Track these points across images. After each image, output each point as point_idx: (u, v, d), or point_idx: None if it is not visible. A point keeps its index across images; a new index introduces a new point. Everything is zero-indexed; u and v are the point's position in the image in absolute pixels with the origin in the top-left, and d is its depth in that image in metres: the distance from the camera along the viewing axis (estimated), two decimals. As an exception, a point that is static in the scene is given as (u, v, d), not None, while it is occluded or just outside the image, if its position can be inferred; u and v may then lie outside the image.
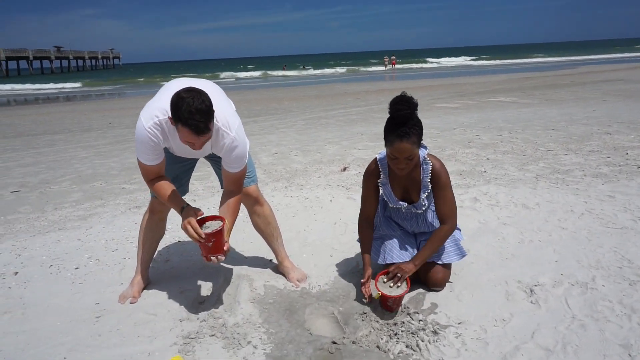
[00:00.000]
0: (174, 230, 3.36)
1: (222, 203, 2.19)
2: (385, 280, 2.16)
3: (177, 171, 2.37)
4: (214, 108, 1.89)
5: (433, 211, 2.34)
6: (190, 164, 2.45)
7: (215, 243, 1.98)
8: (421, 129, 2.08)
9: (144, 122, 1.96)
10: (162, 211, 2.39)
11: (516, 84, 15.91)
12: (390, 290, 2.10)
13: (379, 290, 2.08)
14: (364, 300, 2.22)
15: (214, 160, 2.38)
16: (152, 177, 2.12)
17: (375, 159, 2.33)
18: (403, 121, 2.02)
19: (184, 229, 1.96)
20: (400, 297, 2.09)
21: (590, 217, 3.18)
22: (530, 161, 4.85)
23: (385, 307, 2.13)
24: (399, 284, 2.12)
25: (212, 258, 2.01)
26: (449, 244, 2.37)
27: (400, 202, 2.30)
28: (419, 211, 2.32)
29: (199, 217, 2.01)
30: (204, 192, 4.36)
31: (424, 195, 2.25)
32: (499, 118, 8.12)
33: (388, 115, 2.08)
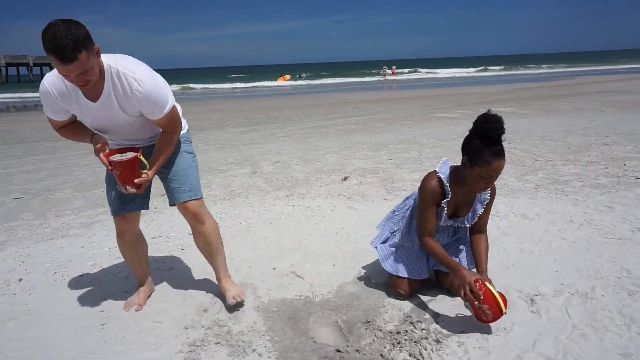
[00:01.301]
0: (178, 238, 3.38)
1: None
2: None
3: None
4: (121, 60, 1.91)
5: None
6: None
7: (123, 172, 1.98)
8: None
9: (46, 77, 1.96)
10: (129, 229, 2.30)
11: (514, 95, 16.02)
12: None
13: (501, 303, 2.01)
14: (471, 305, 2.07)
15: (160, 171, 2.24)
16: (59, 126, 2.12)
17: (439, 177, 2.20)
18: (499, 140, 2.00)
19: (96, 153, 2.02)
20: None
21: (590, 227, 3.22)
22: (529, 171, 4.90)
23: (486, 320, 2.05)
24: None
25: (121, 188, 2.04)
26: (468, 255, 2.43)
27: (449, 221, 2.30)
28: (463, 226, 2.34)
29: (118, 148, 2.10)
30: (206, 200, 4.38)
31: (479, 212, 2.28)
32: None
33: (470, 135, 2.06)
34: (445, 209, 2.24)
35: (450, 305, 2.29)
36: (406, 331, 2.05)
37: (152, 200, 2.30)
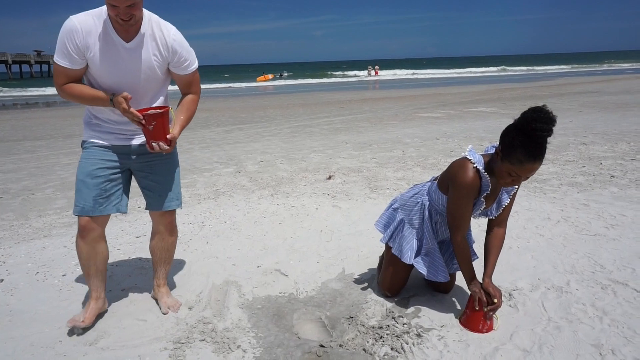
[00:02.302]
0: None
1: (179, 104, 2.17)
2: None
3: (104, 179, 2.09)
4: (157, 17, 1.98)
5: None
6: (123, 169, 2.16)
7: (156, 127, 1.94)
8: None
9: (75, 15, 1.90)
10: (95, 228, 2.10)
11: (496, 95, 16.28)
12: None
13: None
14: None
15: (143, 170, 2.21)
16: (65, 80, 1.96)
17: (476, 169, 1.99)
18: (542, 142, 1.80)
19: (122, 113, 1.94)
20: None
21: (566, 224, 3.31)
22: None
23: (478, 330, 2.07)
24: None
25: (153, 144, 1.99)
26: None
27: (474, 213, 2.14)
28: (491, 217, 2.20)
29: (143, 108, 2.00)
30: (190, 199, 4.38)
31: (505, 202, 2.15)
32: (480, 128, 8.32)
33: (515, 125, 1.85)
34: (484, 203, 2.08)
35: (432, 300, 2.35)
36: (388, 326, 2.10)
37: (136, 200, 2.29)
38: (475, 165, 1.98)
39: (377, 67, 41.42)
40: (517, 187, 2.15)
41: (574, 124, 8.16)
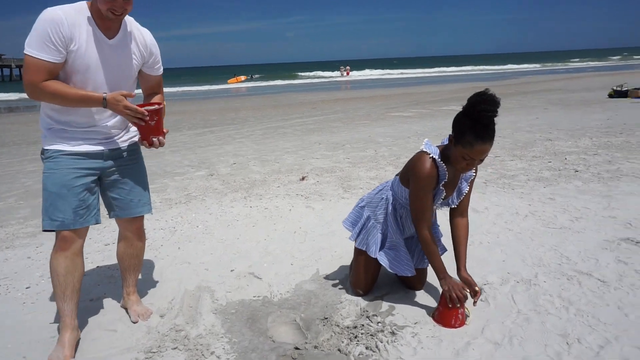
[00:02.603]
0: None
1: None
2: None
3: (82, 188, 1.97)
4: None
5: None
6: (96, 176, 2.05)
7: (158, 122, 1.95)
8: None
9: (57, 7, 1.80)
10: (75, 242, 1.99)
11: (468, 93, 16.38)
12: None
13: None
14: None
15: (113, 176, 2.12)
16: (45, 77, 1.79)
17: (433, 159, 2.05)
18: (488, 123, 1.89)
19: (121, 111, 1.88)
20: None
21: (534, 218, 3.40)
22: (479, 167, 5.10)
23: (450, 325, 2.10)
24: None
25: (154, 140, 1.98)
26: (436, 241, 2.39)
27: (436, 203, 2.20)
28: (452, 205, 2.27)
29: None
30: (161, 204, 4.30)
31: (465, 190, 2.23)
32: (451, 126, 8.46)
33: (462, 111, 1.95)
34: (444, 192, 2.14)
35: (405, 298, 2.37)
36: (362, 325, 2.11)
37: (104, 207, 2.23)
38: (431, 156, 2.06)
39: (348, 67, 41.65)
40: (474, 174, 2.25)
41: (540, 121, 8.41)
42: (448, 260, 2.30)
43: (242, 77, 40.13)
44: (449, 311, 2.09)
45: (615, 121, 7.80)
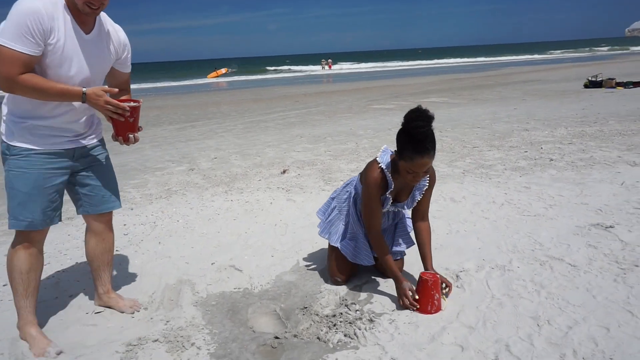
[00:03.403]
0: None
1: None
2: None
3: (53, 189, 1.97)
4: None
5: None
6: (66, 175, 2.04)
7: (136, 119, 1.97)
8: (435, 141, 2.05)
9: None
10: (41, 240, 2.01)
11: (447, 85, 16.78)
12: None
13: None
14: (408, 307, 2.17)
15: (82, 173, 2.11)
16: (22, 70, 1.73)
17: (381, 168, 2.20)
18: (423, 138, 1.99)
19: (102, 106, 1.85)
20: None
21: (509, 206, 3.49)
22: (458, 158, 5.19)
23: (427, 312, 2.15)
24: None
25: (130, 136, 1.98)
26: (402, 234, 2.53)
27: (390, 206, 2.33)
28: (403, 210, 2.42)
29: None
30: (142, 199, 4.27)
31: (418, 198, 2.33)
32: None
33: (401, 129, 2.06)
34: (391, 199, 2.27)
35: (384, 286, 2.42)
36: (341, 313, 2.15)
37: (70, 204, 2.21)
38: (380, 165, 2.20)
39: (330, 60, 41.58)
40: (429, 184, 2.34)
41: (517, 112, 8.56)
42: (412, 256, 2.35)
43: (223, 70, 39.21)
44: (424, 298, 2.14)
45: (590, 111, 7.99)
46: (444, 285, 2.23)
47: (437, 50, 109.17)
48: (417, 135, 1.99)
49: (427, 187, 2.34)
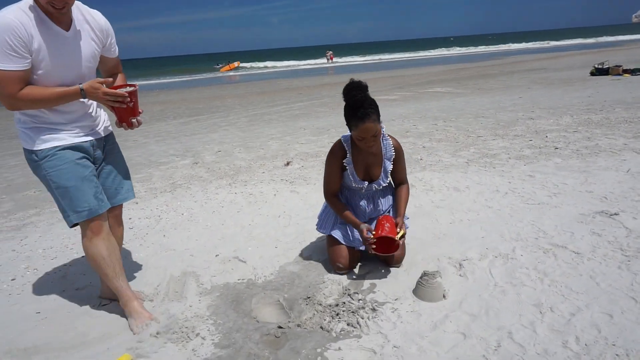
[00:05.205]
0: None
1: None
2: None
3: (92, 174, 2.04)
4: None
5: (390, 195, 2.63)
6: (93, 166, 2.09)
7: (135, 103, 1.98)
8: (377, 106, 2.26)
9: (4, 12, 1.73)
10: (105, 224, 2.07)
11: (451, 75, 16.65)
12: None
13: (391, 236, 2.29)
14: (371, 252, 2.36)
15: (99, 164, 2.15)
16: (21, 86, 1.76)
17: (340, 139, 2.46)
18: (360, 105, 2.20)
19: (101, 97, 1.88)
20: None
21: (513, 195, 3.47)
22: (462, 147, 5.17)
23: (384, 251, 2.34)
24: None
25: (132, 121, 2.00)
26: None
27: (363, 182, 2.48)
28: (379, 188, 2.52)
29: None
30: (146, 193, 4.30)
31: (389, 168, 2.48)
32: (435, 108, 8.52)
33: (344, 103, 2.26)
34: (348, 168, 2.43)
35: (386, 276, 2.43)
36: (344, 303, 2.16)
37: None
38: (340, 139, 2.45)
39: (331, 52, 41.29)
40: (396, 153, 2.50)
41: (522, 100, 8.49)
42: (415, 239, 2.34)
43: (235, 64, 39.00)
44: (377, 228, 2.31)
45: (596, 98, 7.90)
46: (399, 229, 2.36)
47: (442, 40, 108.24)
48: (354, 103, 2.21)
49: (394, 155, 2.48)
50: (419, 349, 1.81)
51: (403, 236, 2.37)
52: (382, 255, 2.40)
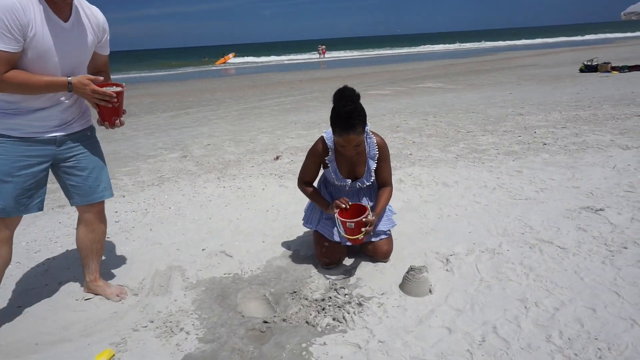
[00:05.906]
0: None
1: None
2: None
3: (28, 177, 1.94)
4: None
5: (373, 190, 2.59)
6: (46, 163, 2.01)
7: (121, 103, 1.98)
8: (365, 116, 2.23)
9: None
10: (7, 229, 1.98)
11: (443, 70, 16.68)
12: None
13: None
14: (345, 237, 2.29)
15: (69, 161, 2.07)
16: (6, 68, 1.73)
17: (323, 137, 2.44)
18: (348, 116, 2.15)
19: (88, 94, 1.86)
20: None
21: (501, 190, 3.49)
22: (451, 143, 5.18)
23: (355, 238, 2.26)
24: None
25: (115, 121, 1.98)
26: (384, 216, 2.56)
27: (346, 180, 2.47)
28: (364, 186, 2.50)
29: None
30: (134, 187, 4.25)
31: (373, 167, 2.45)
32: (426, 103, 8.53)
33: (332, 105, 2.22)
34: (330, 165, 2.44)
35: (373, 270, 2.42)
36: (330, 297, 2.15)
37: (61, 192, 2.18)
38: (323, 136, 2.44)
39: (323, 46, 41.09)
40: (380, 152, 2.46)
41: (512, 96, 8.53)
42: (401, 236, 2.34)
43: (230, 56, 38.55)
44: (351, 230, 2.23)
45: (585, 95, 7.97)
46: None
47: (434, 36, 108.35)
48: (342, 114, 2.16)
49: (378, 154, 2.45)
50: (404, 344, 1.81)
51: (370, 224, 2.27)
52: (355, 243, 2.32)
